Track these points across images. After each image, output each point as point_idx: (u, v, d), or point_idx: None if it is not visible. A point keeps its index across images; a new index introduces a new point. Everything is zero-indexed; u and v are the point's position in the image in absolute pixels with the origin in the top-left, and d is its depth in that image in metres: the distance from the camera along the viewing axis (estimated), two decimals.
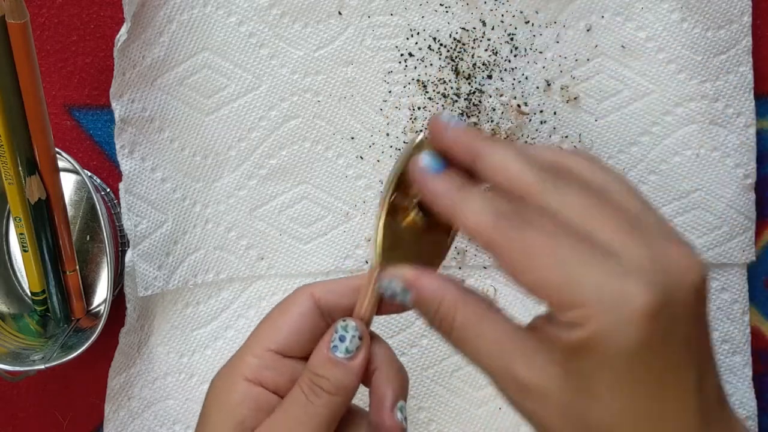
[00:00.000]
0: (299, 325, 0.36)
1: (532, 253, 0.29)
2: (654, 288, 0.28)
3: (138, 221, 0.48)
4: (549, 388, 0.30)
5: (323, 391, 0.34)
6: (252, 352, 0.36)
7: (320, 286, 0.36)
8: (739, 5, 0.47)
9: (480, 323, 0.32)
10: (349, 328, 0.35)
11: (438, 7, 0.49)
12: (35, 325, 0.50)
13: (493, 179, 0.32)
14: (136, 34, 0.47)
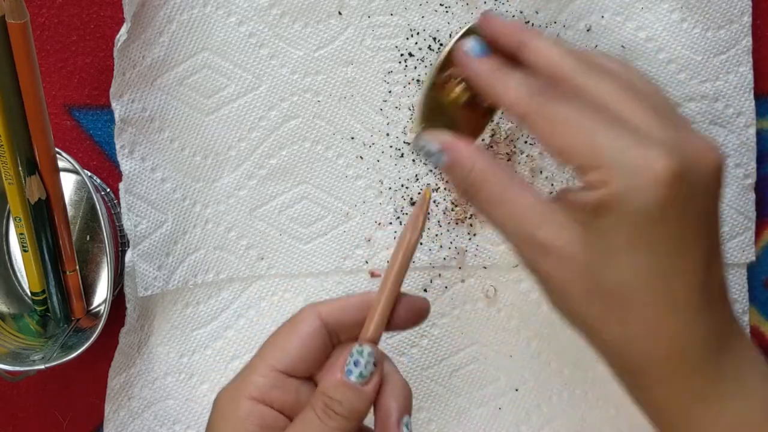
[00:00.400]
0: (306, 345, 0.36)
1: (561, 121, 0.32)
2: (675, 158, 0.31)
3: (138, 221, 0.48)
4: (568, 248, 0.32)
5: (336, 414, 0.35)
6: (258, 372, 0.36)
7: (327, 305, 0.37)
8: (739, 5, 0.48)
9: (507, 190, 0.34)
10: (365, 354, 0.35)
11: (438, 7, 0.49)
12: (35, 325, 0.50)
13: (534, 63, 0.35)
14: (136, 34, 0.47)
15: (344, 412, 0.35)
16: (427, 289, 0.50)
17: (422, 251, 0.49)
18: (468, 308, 0.50)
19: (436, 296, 0.50)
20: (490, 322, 0.50)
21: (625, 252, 0.31)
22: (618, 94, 0.33)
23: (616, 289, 0.32)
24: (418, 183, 0.49)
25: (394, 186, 0.49)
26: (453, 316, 0.50)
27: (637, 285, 0.31)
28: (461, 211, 0.49)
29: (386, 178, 0.49)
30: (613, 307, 0.32)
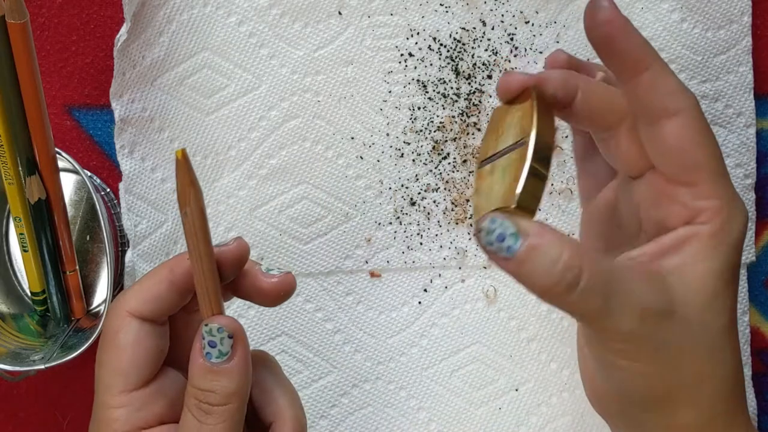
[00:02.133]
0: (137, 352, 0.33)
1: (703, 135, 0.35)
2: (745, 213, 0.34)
3: (138, 221, 0.48)
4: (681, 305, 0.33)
5: (213, 407, 0.32)
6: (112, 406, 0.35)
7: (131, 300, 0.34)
8: (739, 5, 0.47)
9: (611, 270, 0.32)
10: (214, 330, 0.32)
11: (438, 7, 0.49)
12: (35, 325, 0.50)
13: None
14: (136, 34, 0.47)
15: (221, 400, 0.32)
16: (427, 289, 0.50)
17: (422, 251, 0.49)
18: (468, 308, 0.50)
19: (436, 296, 0.50)
20: (490, 322, 0.50)
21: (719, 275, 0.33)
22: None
23: None
24: (418, 183, 0.49)
25: (394, 186, 0.49)
26: (453, 316, 0.50)
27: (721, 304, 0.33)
28: (461, 211, 0.49)
29: (386, 178, 0.49)
30: None
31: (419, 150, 0.49)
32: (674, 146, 0.33)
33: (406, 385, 0.50)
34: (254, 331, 0.50)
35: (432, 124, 0.49)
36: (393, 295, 0.50)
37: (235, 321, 0.33)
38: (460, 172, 0.49)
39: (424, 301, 0.50)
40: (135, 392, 0.33)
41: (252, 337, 0.50)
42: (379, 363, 0.50)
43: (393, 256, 0.50)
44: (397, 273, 0.50)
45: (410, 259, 0.50)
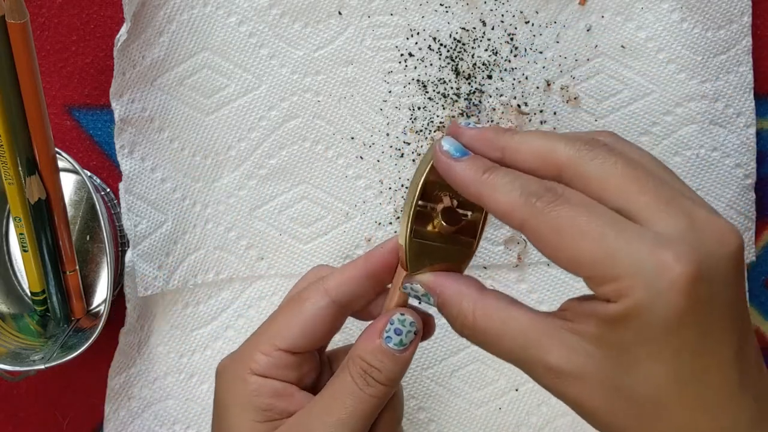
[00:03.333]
0: (311, 324, 0.36)
1: (565, 229, 0.29)
2: (692, 257, 0.28)
3: (138, 221, 0.48)
4: (585, 367, 0.30)
5: (375, 381, 0.34)
6: (261, 349, 0.36)
7: (334, 280, 0.36)
8: (739, 5, 0.48)
9: (501, 319, 0.32)
10: (407, 322, 0.35)
11: (438, 7, 0.49)
12: (35, 325, 0.50)
13: (524, 162, 0.32)
14: (136, 34, 0.47)
15: (382, 379, 0.35)
16: None
17: None
18: None
19: None
20: None
21: (648, 363, 0.29)
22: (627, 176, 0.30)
23: (644, 401, 0.29)
24: None
25: (394, 186, 0.49)
26: None
27: (665, 394, 0.29)
28: None
29: (386, 178, 0.49)
30: (644, 418, 0.29)
31: (419, 150, 0.49)
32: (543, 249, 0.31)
33: (406, 386, 0.50)
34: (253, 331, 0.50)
35: (432, 124, 0.49)
36: None
37: (421, 321, 0.36)
38: None
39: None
40: (284, 353, 0.36)
41: None
42: None
43: None
44: None
45: None
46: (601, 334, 0.29)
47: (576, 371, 0.30)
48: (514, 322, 0.31)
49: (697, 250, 0.28)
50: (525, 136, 0.32)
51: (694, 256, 0.28)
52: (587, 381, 0.30)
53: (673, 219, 0.29)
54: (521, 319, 0.31)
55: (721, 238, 0.29)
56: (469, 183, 0.32)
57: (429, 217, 0.35)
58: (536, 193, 0.30)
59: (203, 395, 0.50)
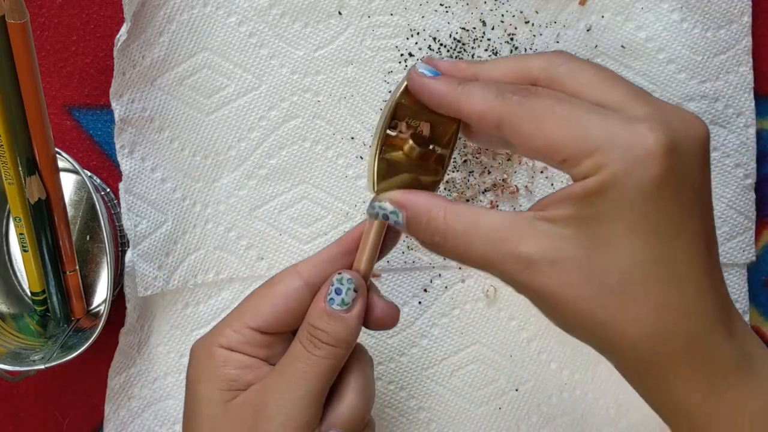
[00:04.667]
0: (281, 305, 0.36)
1: (541, 116, 0.30)
2: (664, 131, 0.29)
3: (138, 221, 0.48)
4: (558, 252, 0.30)
5: (321, 342, 0.35)
6: (231, 326, 0.36)
7: (306, 263, 0.37)
8: (739, 5, 0.48)
9: (471, 218, 0.32)
10: (344, 280, 0.36)
11: (438, 7, 0.49)
12: (35, 325, 0.50)
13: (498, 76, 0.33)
14: (136, 34, 0.47)
15: (330, 341, 0.35)
16: (427, 289, 0.50)
17: (422, 251, 0.49)
18: (468, 308, 0.50)
19: (436, 296, 0.50)
20: (490, 322, 0.50)
21: (625, 239, 0.29)
22: (594, 77, 0.31)
23: (620, 280, 0.30)
24: None
25: None
26: (453, 316, 0.50)
27: (641, 271, 0.30)
28: None
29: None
30: (620, 300, 0.30)
31: None
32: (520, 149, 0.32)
33: (406, 386, 0.50)
34: None
35: None
36: (393, 295, 0.50)
37: (363, 281, 0.36)
38: (460, 172, 0.49)
39: (424, 301, 0.50)
40: (253, 331, 0.36)
41: None
42: (380, 363, 0.50)
43: (393, 256, 0.50)
44: (397, 273, 0.50)
45: (410, 259, 0.50)
46: (577, 213, 0.30)
47: (549, 257, 0.30)
48: (485, 219, 0.32)
49: (669, 127, 0.30)
50: (496, 60, 0.34)
51: (666, 131, 0.29)
52: (561, 266, 0.30)
53: (644, 106, 0.30)
54: (492, 217, 0.32)
55: (690, 123, 0.31)
56: (445, 93, 0.33)
57: (398, 145, 0.36)
58: (512, 90, 0.32)
59: None
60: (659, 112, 0.30)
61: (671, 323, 0.30)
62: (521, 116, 0.31)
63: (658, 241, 0.30)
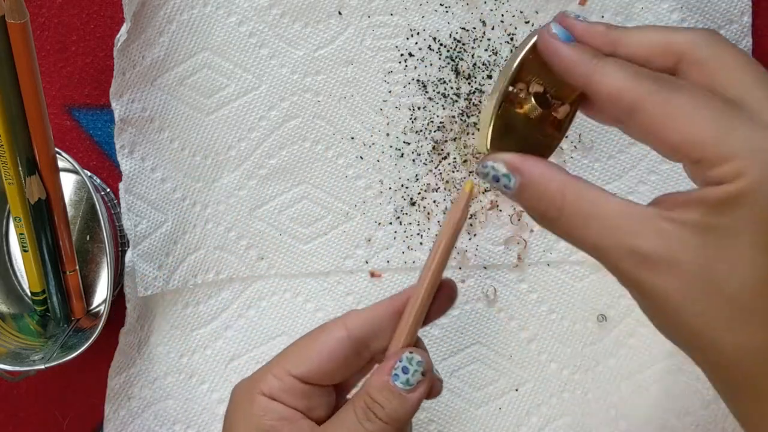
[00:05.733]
0: (325, 355, 0.35)
1: (680, 109, 0.29)
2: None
3: (138, 221, 0.48)
4: (679, 255, 0.29)
5: (376, 417, 0.34)
6: (273, 372, 0.35)
7: (355, 315, 0.36)
8: (739, 5, 0.47)
9: (592, 201, 0.30)
10: (414, 361, 0.34)
11: (438, 7, 0.49)
12: (35, 325, 0.50)
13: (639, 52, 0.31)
14: (136, 34, 0.47)
15: (385, 417, 0.34)
16: None
17: (422, 251, 0.49)
18: (468, 308, 0.50)
19: None
20: (490, 322, 0.50)
21: (750, 253, 0.28)
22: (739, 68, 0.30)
23: (738, 295, 0.28)
24: (418, 183, 0.49)
25: (394, 186, 0.49)
26: (453, 316, 0.50)
27: (761, 286, 0.28)
28: None
29: (386, 178, 0.49)
30: (733, 314, 0.29)
31: (419, 150, 0.49)
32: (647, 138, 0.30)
33: None
34: (254, 331, 0.50)
35: (432, 124, 0.49)
36: None
37: (431, 363, 0.35)
38: (460, 172, 0.49)
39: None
40: (295, 380, 0.35)
41: (252, 337, 0.50)
42: None
43: (393, 256, 0.50)
44: (397, 273, 0.50)
45: (410, 259, 0.50)
46: (706, 221, 0.29)
47: (668, 258, 0.29)
48: (606, 204, 0.30)
49: None
50: (639, 28, 0.31)
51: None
52: (677, 270, 0.29)
53: None
54: (613, 202, 0.30)
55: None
56: (578, 63, 0.31)
57: (517, 102, 0.33)
58: (650, 76, 0.30)
59: (203, 395, 0.50)
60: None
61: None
62: (659, 106, 0.29)
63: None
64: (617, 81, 0.30)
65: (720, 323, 0.29)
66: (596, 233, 0.30)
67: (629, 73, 0.30)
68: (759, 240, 0.28)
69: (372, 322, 0.35)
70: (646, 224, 0.29)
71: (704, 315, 0.29)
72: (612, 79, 0.30)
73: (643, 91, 0.29)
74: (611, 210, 0.30)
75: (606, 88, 0.30)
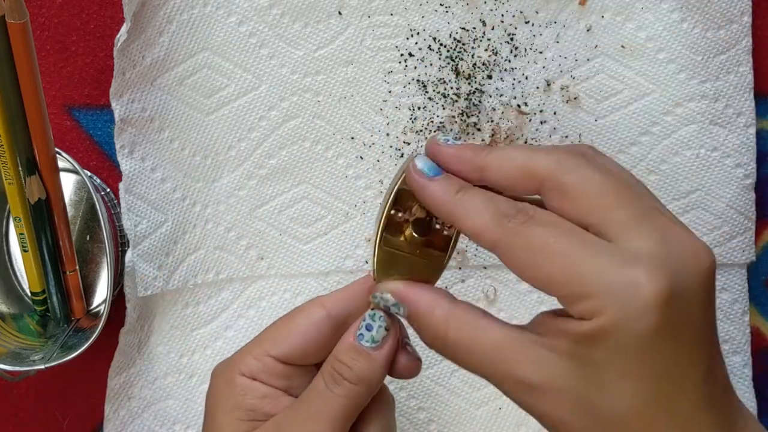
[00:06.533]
0: (303, 335, 0.35)
1: (536, 249, 0.29)
2: (663, 275, 0.28)
3: (138, 221, 0.48)
4: (556, 382, 0.30)
5: (343, 379, 0.34)
6: (252, 354, 0.36)
7: (332, 296, 0.36)
8: (739, 5, 0.47)
9: (473, 331, 0.31)
10: (377, 317, 0.35)
11: (438, 7, 0.49)
12: (35, 325, 0.50)
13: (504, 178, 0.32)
14: (136, 34, 0.47)
15: (353, 378, 0.34)
16: None
17: None
18: None
19: None
20: None
21: (620, 382, 0.29)
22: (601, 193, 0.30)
23: (614, 421, 0.29)
24: None
25: None
26: None
27: (636, 412, 0.29)
28: None
29: (386, 178, 0.49)
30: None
31: (419, 150, 0.49)
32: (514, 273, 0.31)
33: (406, 386, 0.50)
34: (254, 331, 0.50)
35: (432, 124, 0.49)
36: None
37: (395, 321, 0.35)
38: None
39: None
40: (274, 360, 0.35)
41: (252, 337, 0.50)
42: None
43: None
44: None
45: None
46: (574, 351, 0.29)
47: (547, 385, 0.30)
48: (485, 335, 0.31)
49: (669, 268, 0.28)
50: (504, 151, 0.32)
51: (665, 273, 0.28)
52: (557, 395, 0.30)
53: (646, 236, 0.29)
54: (492, 333, 0.31)
55: (694, 256, 0.29)
56: (441, 204, 0.32)
57: (401, 227, 0.35)
58: (507, 214, 0.30)
59: (203, 395, 0.50)
60: (661, 245, 0.29)
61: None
62: (516, 245, 0.30)
63: (654, 386, 0.29)
64: (477, 222, 0.31)
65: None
66: (481, 363, 0.31)
67: (489, 212, 0.31)
68: (626, 370, 0.29)
69: (349, 300, 0.36)
70: (525, 352, 0.30)
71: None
72: (473, 217, 0.31)
73: (502, 231, 0.30)
74: (493, 340, 0.31)
75: (468, 226, 0.31)
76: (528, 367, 0.30)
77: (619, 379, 0.29)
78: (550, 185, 0.31)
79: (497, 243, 0.30)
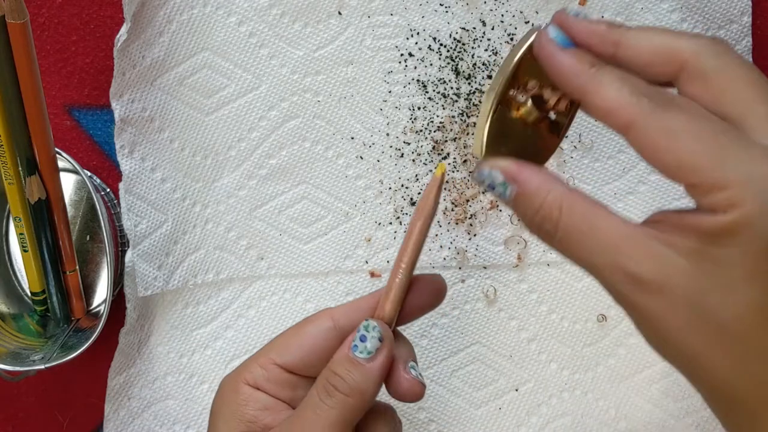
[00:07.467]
0: (310, 345, 0.35)
1: (677, 131, 0.28)
2: None
3: (138, 221, 0.48)
4: (672, 280, 0.28)
5: (336, 390, 0.33)
6: (258, 362, 0.36)
7: (340, 308, 0.36)
8: (739, 5, 0.47)
9: (589, 217, 0.29)
10: (371, 328, 0.34)
11: (438, 7, 0.49)
12: (35, 325, 0.50)
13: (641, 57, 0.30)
14: (136, 34, 0.47)
15: (345, 389, 0.33)
16: None
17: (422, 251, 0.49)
18: (468, 308, 0.50)
19: None
20: (490, 322, 0.50)
21: (744, 284, 0.27)
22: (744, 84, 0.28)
23: (731, 325, 0.28)
24: (418, 183, 0.49)
25: (394, 186, 0.49)
26: (453, 316, 0.50)
27: (756, 320, 0.28)
28: (461, 211, 0.49)
29: (386, 178, 0.49)
30: (726, 343, 0.28)
31: (419, 150, 0.49)
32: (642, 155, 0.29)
33: None
34: (254, 331, 0.50)
35: (432, 124, 0.49)
36: None
37: (390, 331, 0.35)
38: (460, 172, 0.49)
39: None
40: (280, 369, 0.35)
41: (252, 337, 0.50)
42: None
43: (393, 256, 0.50)
44: None
45: None
46: (701, 249, 0.28)
47: (660, 282, 0.28)
48: (603, 223, 0.29)
49: None
50: (643, 30, 0.30)
51: None
52: (671, 295, 0.28)
53: None
54: (609, 223, 0.29)
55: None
56: (574, 75, 0.30)
57: (513, 105, 0.32)
58: (648, 93, 0.28)
59: (203, 395, 0.50)
60: None
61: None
62: (654, 127, 0.28)
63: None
64: (613, 96, 0.29)
65: (713, 351, 0.28)
66: (591, 252, 0.29)
67: (626, 88, 0.29)
68: (753, 272, 0.27)
69: (357, 313, 0.36)
70: (641, 246, 0.29)
71: (698, 341, 0.28)
72: (608, 94, 0.29)
73: (640, 109, 0.28)
74: (607, 229, 0.29)
75: (602, 102, 0.29)
76: (644, 262, 0.28)
77: (743, 281, 0.27)
78: (692, 70, 0.29)
79: (632, 123, 0.28)
